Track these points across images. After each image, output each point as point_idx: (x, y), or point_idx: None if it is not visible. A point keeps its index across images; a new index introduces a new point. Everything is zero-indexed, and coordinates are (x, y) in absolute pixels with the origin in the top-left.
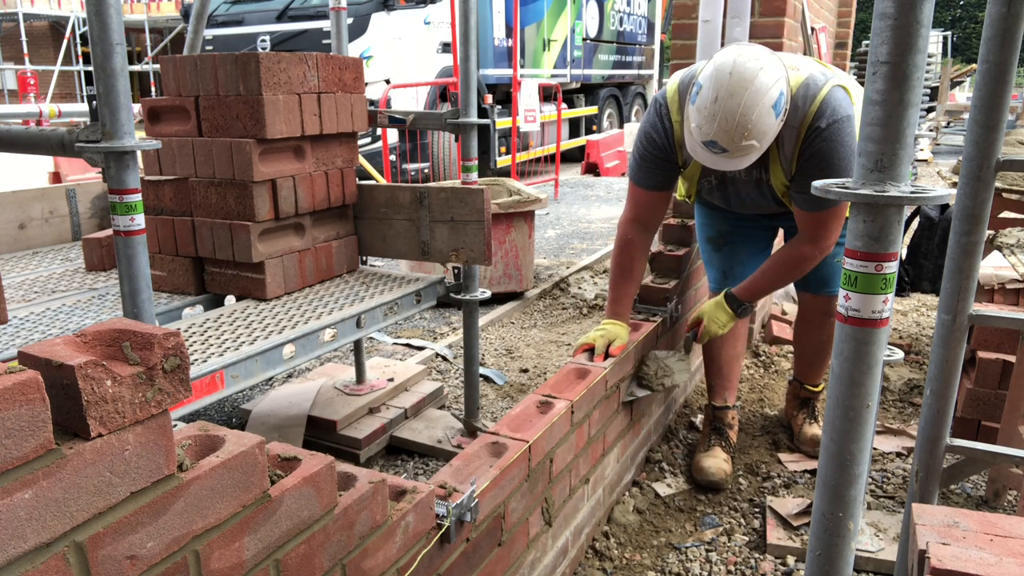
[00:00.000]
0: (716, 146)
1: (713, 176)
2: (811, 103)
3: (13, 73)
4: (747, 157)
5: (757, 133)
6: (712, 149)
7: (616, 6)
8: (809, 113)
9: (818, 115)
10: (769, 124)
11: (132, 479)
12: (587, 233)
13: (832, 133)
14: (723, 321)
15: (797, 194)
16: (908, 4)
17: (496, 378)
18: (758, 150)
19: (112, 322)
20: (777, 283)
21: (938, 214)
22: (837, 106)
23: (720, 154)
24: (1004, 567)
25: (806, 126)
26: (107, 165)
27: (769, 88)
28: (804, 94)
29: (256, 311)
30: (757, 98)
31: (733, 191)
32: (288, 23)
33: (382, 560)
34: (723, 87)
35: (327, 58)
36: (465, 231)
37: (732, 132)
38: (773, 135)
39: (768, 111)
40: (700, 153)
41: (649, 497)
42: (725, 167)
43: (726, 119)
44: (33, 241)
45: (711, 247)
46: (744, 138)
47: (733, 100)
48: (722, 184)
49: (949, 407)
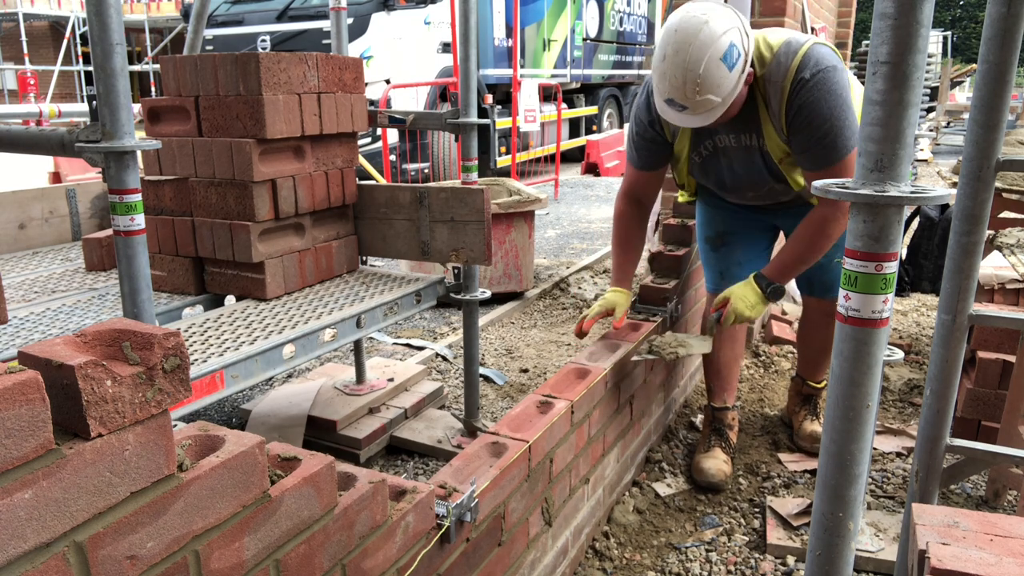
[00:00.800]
0: (675, 103)
1: (702, 147)
2: (793, 57)
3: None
4: (710, 112)
5: (709, 86)
6: (673, 107)
7: (616, 6)
8: (792, 67)
9: (801, 67)
10: (721, 76)
11: (132, 479)
12: (587, 233)
13: (818, 82)
14: (752, 302)
15: (800, 155)
16: (908, 4)
17: (496, 378)
18: (719, 104)
19: (112, 322)
20: (805, 254)
21: (938, 214)
22: (820, 57)
23: (682, 111)
24: (1004, 567)
25: (790, 79)
26: (107, 165)
27: (716, 39)
28: (786, 50)
29: (256, 311)
30: (703, 51)
31: (726, 164)
32: (288, 23)
33: (382, 560)
34: (670, 44)
35: (327, 58)
36: (465, 231)
37: (684, 88)
38: (731, 88)
39: (717, 63)
40: (667, 112)
41: (649, 497)
42: (691, 124)
43: (675, 75)
44: (33, 241)
45: (709, 247)
46: (697, 92)
47: (679, 56)
48: (713, 157)
49: (949, 407)
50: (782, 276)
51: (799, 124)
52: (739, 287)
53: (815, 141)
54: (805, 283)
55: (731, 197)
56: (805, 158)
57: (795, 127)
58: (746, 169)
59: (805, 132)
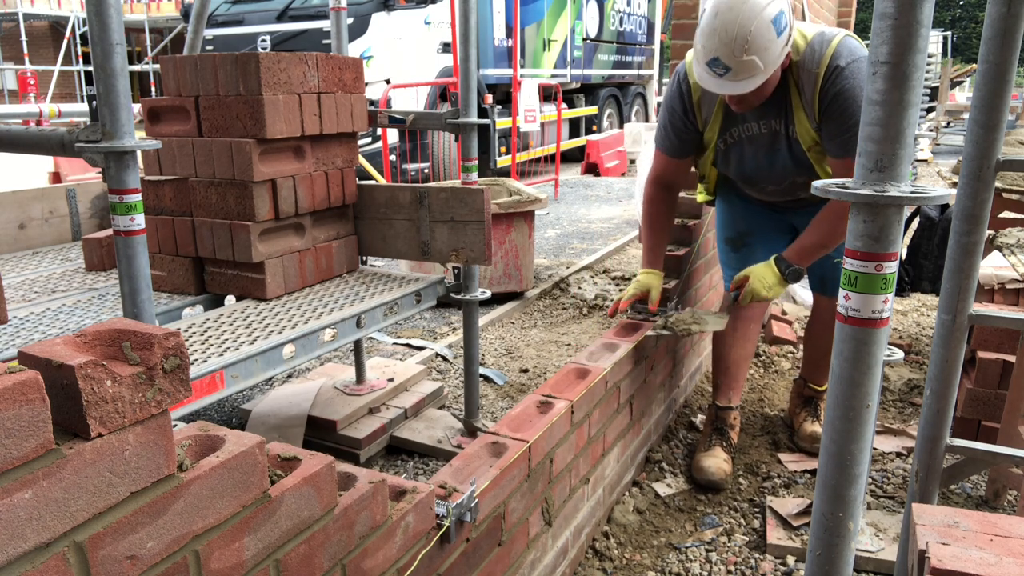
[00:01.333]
0: (719, 64)
1: (728, 135)
2: (827, 46)
3: (13, 73)
4: (751, 79)
5: (756, 47)
6: (715, 69)
7: (616, 6)
8: (826, 55)
9: (836, 55)
10: (769, 39)
11: (132, 479)
12: (587, 233)
13: (853, 71)
14: (770, 283)
15: (830, 142)
16: (908, 4)
17: (496, 378)
18: (761, 72)
19: (112, 322)
20: (826, 238)
21: (938, 214)
22: (855, 47)
23: (723, 75)
24: (1004, 567)
25: (824, 66)
26: (107, 165)
27: (769, 2)
28: (820, 40)
29: (256, 311)
30: (755, 11)
31: (750, 153)
32: (288, 23)
33: (382, 560)
34: (723, 3)
35: (327, 58)
36: (465, 231)
37: (732, 44)
38: (775, 56)
39: (767, 25)
40: (706, 79)
41: (649, 497)
42: (730, 90)
43: (725, 31)
44: (33, 241)
45: (729, 248)
46: (744, 51)
47: (732, 12)
48: (738, 145)
49: (949, 407)
50: (801, 259)
51: (833, 111)
52: (759, 267)
53: (847, 128)
54: (817, 282)
55: (752, 191)
56: (835, 144)
57: (829, 114)
58: (770, 158)
59: (839, 119)
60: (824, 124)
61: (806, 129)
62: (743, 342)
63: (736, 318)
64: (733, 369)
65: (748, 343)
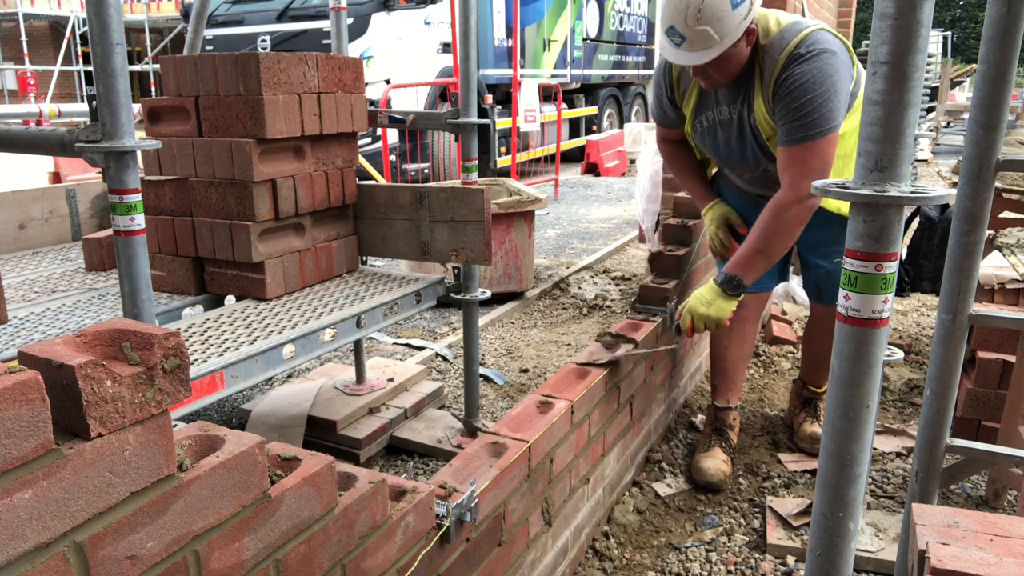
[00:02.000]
0: (675, 33)
1: (704, 118)
2: (796, 35)
3: (13, 73)
4: (707, 51)
5: (709, 17)
6: (672, 38)
7: (616, 6)
8: (792, 42)
9: (800, 44)
10: (723, 10)
11: (132, 479)
12: (587, 233)
13: (811, 60)
14: (707, 299)
15: (778, 127)
16: (908, 4)
17: (496, 378)
18: (716, 44)
19: (112, 322)
20: (760, 243)
21: (938, 214)
22: (821, 40)
23: (680, 45)
24: (1004, 567)
25: (787, 52)
26: (107, 165)
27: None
28: (791, 28)
29: (256, 311)
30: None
31: (723, 138)
32: (288, 23)
33: (382, 560)
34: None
35: (327, 58)
36: (465, 231)
37: (685, 12)
38: (732, 29)
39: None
40: (666, 48)
41: (649, 497)
42: (687, 61)
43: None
44: (33, 241)
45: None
46: (697, 20)
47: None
48: (712, 129)
49: (949, 407)
50: (739, 268)
51: (782, 93)
52: (697, 290)
53: (792, 111)
54: (813, 290)
55: (733, 176)
56: (781, 131)
57: (778, 96)
58: (739, 144)
59: (785, 101)
60: (775, 106)
61: (764, 116)
62: (740, 343)
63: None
64: (731, 370)
65: (745, 344)
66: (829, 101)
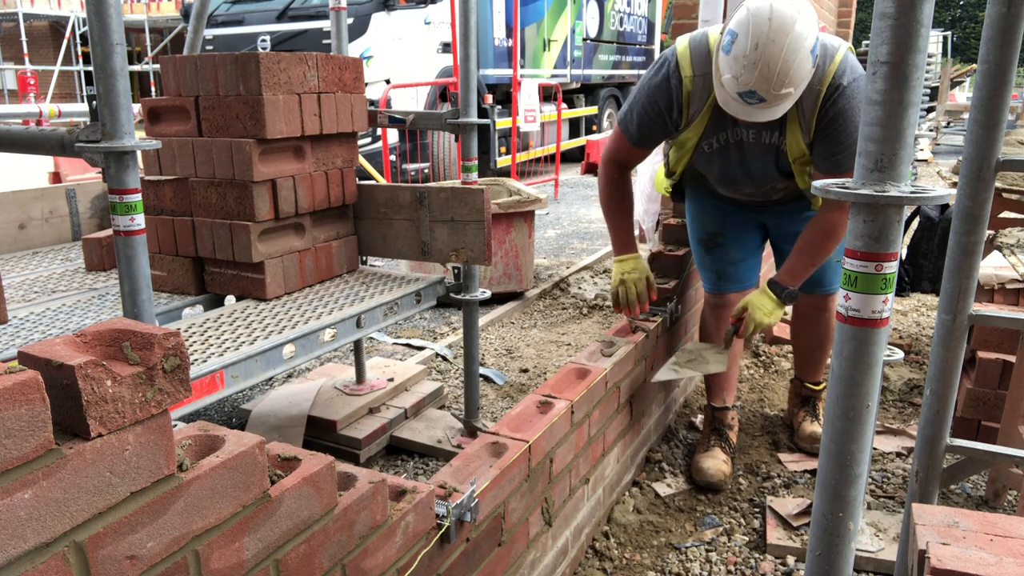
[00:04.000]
0: (754, 96)
1: (716, 139)
2: (831, 62)
3: (13, 73)
4: (782, 106)
5: (796, 79)
6: (748, 100)
7: (616, 6)
8: (829, 72)
9: (839, 73)
10: (808, 70)
11: (132, 479)
12: (587, 233)
13: (854, 91)
14: (768, 308)
15: (821, 159)
16: (908, 4)
17: (496, 378)
18: (793, 97)
19: (112, 322)
20: (815, 257)
21: (938, 214)
22: (855, 65)
23: (756, 104)
24: (1004, 567)
25: (827, 84)
26: (107, 165)
27: (809, 34)
28: (823, 53)
29: (256, 311)
30: (798, 43)
31: (736, 159)
32: (288, 23)
33: (382, 560)
34: (763, 34)
35: (327, 58)
36: (465, 231)
37: (773, 80)
38: (805, 78)
39: (808, 56)
40: (733, 106)
41: (649, 497)
42: (758, 118)
43: (768, 67)
44: (33, 241)
45: (702, 249)
46: (784, 85)
47: (775, 46)
48: (725, 150)
49: (949, 407)
50: (795, 280)
51: (831, 130)
52: (755, 296)
53: (843, 147)
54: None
55: (727, 191)
56: (827, 162)
57: (826, 132)
58: (758, 166)
59: (835, 138)
60: (818, 141)
61: (797, 142)
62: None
63: (717, 319)
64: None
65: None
66: None
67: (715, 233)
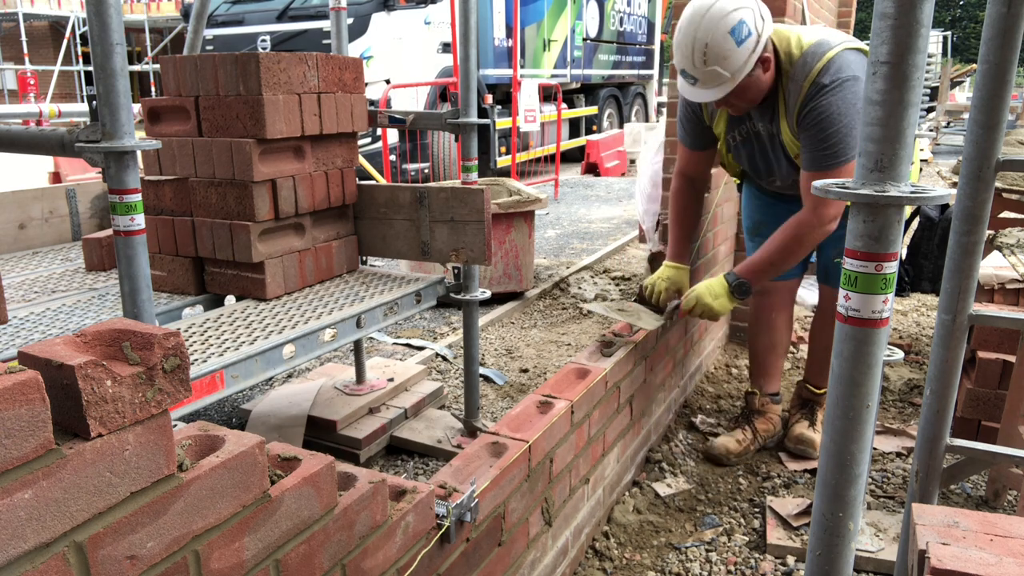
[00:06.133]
0: (687, 75)
1: (738, 132)
2: (819, 59)
3: (13, 73)
4: (719, 87)
5: (715, 58)
6: (686, 79)
7: (616, 6)
8: (815, 69)
9: (823, 72)
10: (728, 49)
11: (132, 479)
12: (587, 233)
13: (833, 90)
14: (716, 292)
15: (802, 152)
16: (908, 4)
17: (496, 378)
18: (728, 79)
19: (112, 322)
20: (776, 256)
21: (938, 214)
22: (844, 65)
23: (693, 84)
24: (1004, 567)
25: (809, 81)
26: (107, 165)
27: (726, 14)
28: (814, 51)
29: (256, 311)
30: (712, 23)
31: (758, 149)
32: (288, 23)
33: (382, 560)
34: (685, 16)
35: (327, 58)
36: (465, 231)
37: (692, 57)
38: (740, 64)
39: (724, 36)
40: (683, 86)
41: (649, 497)
42: (701, 98)
43: (686, 45)
44: (33, 241)
45: (748, 235)
46: (704, 63)
47: (691, 26)
48: (747, 141)
49: (949, 407)
50: (751, 274)
51: (807, 124)
52: (712, 279)
53: (818, 142)
54: (823, 272)
55: (763, 182)
56: (805, 158)
57: (803, 126)
58: (774, 156)
59: (811, 132)
60: (799, 132)
61: (789, 138)
62: (767, 331)
63: (757, 307)
64: (759, 357)
65: (774, 332)
66: (853, 130)
67: (758, 222)
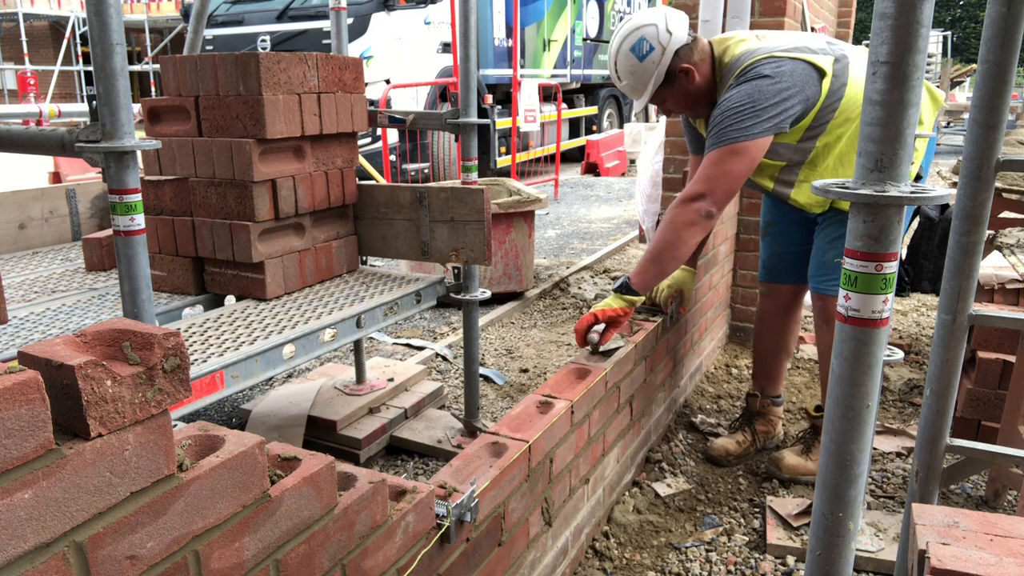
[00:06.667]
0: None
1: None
2: (740, 66)
3: (13, 73)
4: (639, 98)
5: (622, 72)
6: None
7: (616, 6)
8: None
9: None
10: (631, 65)
11: (132, 479)
12: (587, 233)
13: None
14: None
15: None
16: (908, 4)
17: (496, 378)
18: (643, 90)
19: (112, 322)
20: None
21: (938, 214)
22: (764, 67)
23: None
24: (1004, 567)
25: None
26: (107, 165)
27: (628, 33)
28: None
29: (256, 311)
30: (618, 42)
31: None
32: (288, 23)
33: (382, 560)
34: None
35: (327, 58)
36: (465, 231)
37: (614, 72)
38: (647, 76)
39: (627, 53)
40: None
41: (649, 497)
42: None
43: (609, 62)
44: (33, 241)
45: (761, 235)
46: (618, 78)
47: (610, 46)
48: None
49: (949, 407)
50: (637, 276)
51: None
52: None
53: (712, 126)
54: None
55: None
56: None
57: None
58: None
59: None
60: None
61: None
62: (771, 335)
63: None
64: (764, 359)
65: (778, 336)
66: (745, 120)
67: (768, 222)
